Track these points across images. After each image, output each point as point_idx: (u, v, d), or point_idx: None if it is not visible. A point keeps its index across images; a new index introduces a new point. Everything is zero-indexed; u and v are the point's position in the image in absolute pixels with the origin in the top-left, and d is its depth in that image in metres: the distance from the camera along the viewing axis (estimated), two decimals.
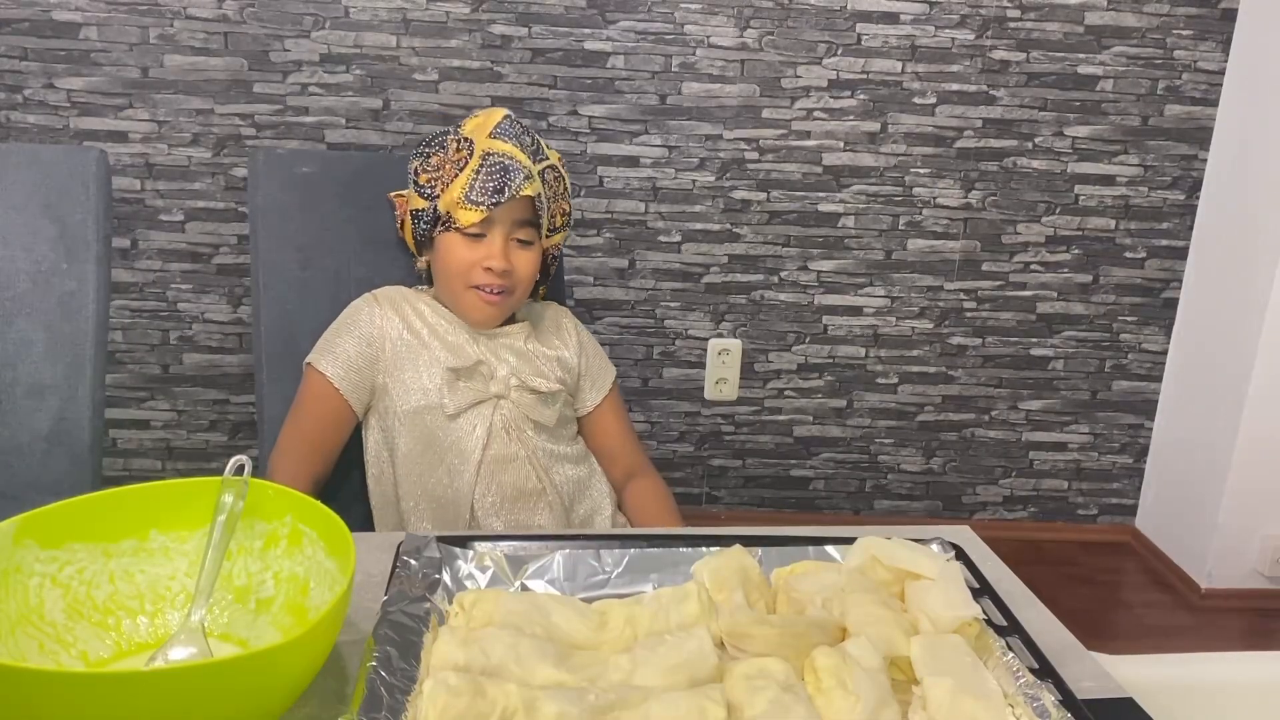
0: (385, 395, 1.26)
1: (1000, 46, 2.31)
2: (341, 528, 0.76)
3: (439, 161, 1.26)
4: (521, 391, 1.27)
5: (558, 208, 1.30)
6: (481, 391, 1.25)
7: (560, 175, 1.30)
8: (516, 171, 1.20)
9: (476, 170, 1.21)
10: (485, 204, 1.20)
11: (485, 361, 1.26)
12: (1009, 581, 0.93)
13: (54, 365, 1.23)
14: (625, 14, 2.21)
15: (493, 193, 1.20)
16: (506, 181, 1.20)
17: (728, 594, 0.81)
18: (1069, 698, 0.71)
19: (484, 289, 1.24)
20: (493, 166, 1.20)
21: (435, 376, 1.24)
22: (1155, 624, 2.32)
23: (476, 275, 1.23)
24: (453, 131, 1.28)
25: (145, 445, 2.36)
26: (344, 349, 1.26)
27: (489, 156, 1.21)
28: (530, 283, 1.29)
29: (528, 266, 1.26)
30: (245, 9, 2.14)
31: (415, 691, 0.68)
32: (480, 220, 1.21)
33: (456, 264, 1.24)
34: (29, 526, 0.75)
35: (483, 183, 1.20)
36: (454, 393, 1.23)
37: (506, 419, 1.26)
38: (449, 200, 1.22)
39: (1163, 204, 2.44)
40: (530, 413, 1.27)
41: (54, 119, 2.16)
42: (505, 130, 1.23)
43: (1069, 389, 2.56)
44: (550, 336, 1.35)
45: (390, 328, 1.26)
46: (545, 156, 1.28)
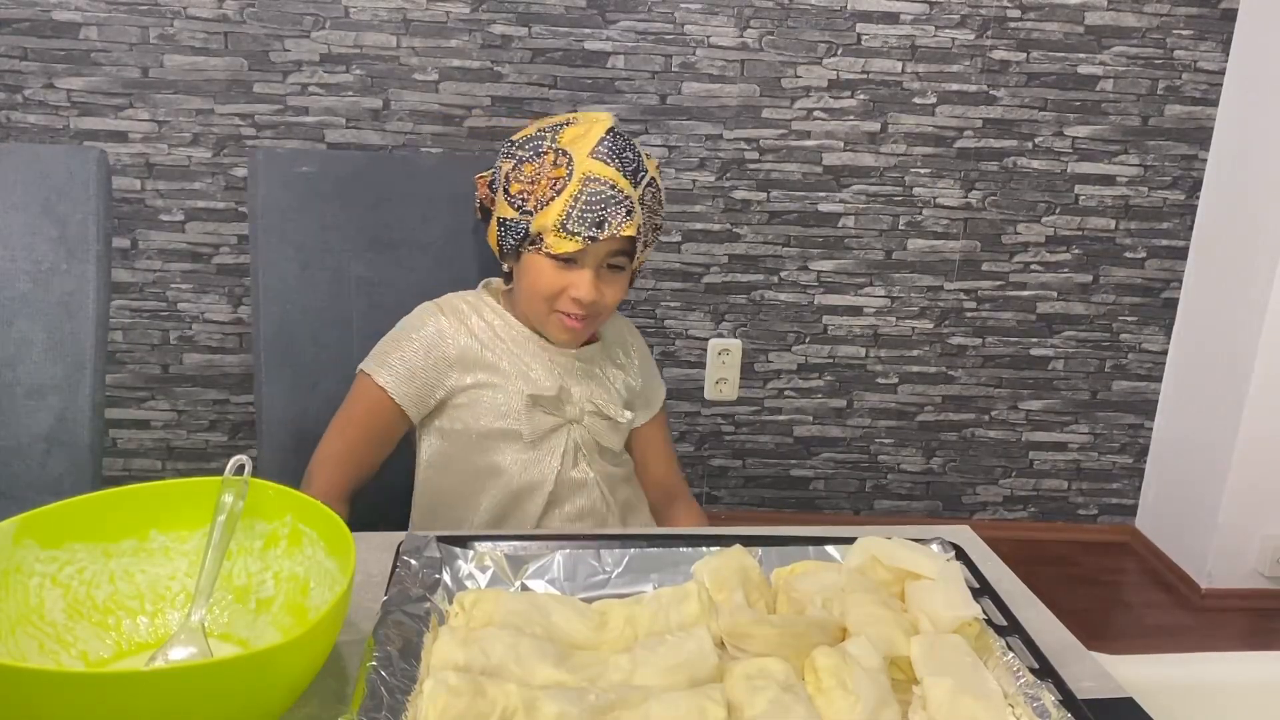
0: (450, 411, 1.22)
1: (1000, 46, 2.31)
2: (341, 528, 0.76)
3: (533, 173, 1.18)
4: (595, 417, 1.24)
5: (653, 225, 1.22)
6: (558, 418, 1.22)
7: (657, 190, 1.21)
8: (619, 206, 1.13)
9: (575, 197, 1.13)
10: (583, 237, 1.13)
11: (565, 388, 1.22)
12: (1009, 581, 0.93)
13: (54, 365, 1.23)
14: (625, 14, 2.21)
15: (591, 225, 1.13)
16: (607, 217, 1.12)
17: (728, 594, 0.81)
18: (1069, 698, 0.71)
19: (568, 315, 1.18)
20: (593, 197, 1.13)
21: (512, 399, 1.20)
22: (1155, 624, 2.32)
23: (563, 302, 1.18)
24: (549, 137, 1.18)
25: (145, 445, 2.36)
26: (404, 358, 1.20)
27: (590, 183, 1.13)
28: (616, 305, 1.24)
29: (616, 293, 1.21)
30: (245, 9, 2.14)
31: (415, 691, 0.68)
32: (575, 250, 1.14)
33: (544, 287, 1.18)
34: (29, 526, 0.75)
35: (581, 212, 1.13)
36: (532, 420, 1.19)
37: (579, 444, 1.23)
38: (544, 223, 1.15)
39: (1163, 204, 2.44)
40: (601, 438, 1.24)
41: (54, 119, 2.16)
42: (608, 151, 1.14)
43: (1069, 389, 2.56)
44: (618, 353, 1.32)
45: (457, 341, 1.21)
46: (644, 171, 1.18)
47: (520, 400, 1.19)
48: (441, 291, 1.40)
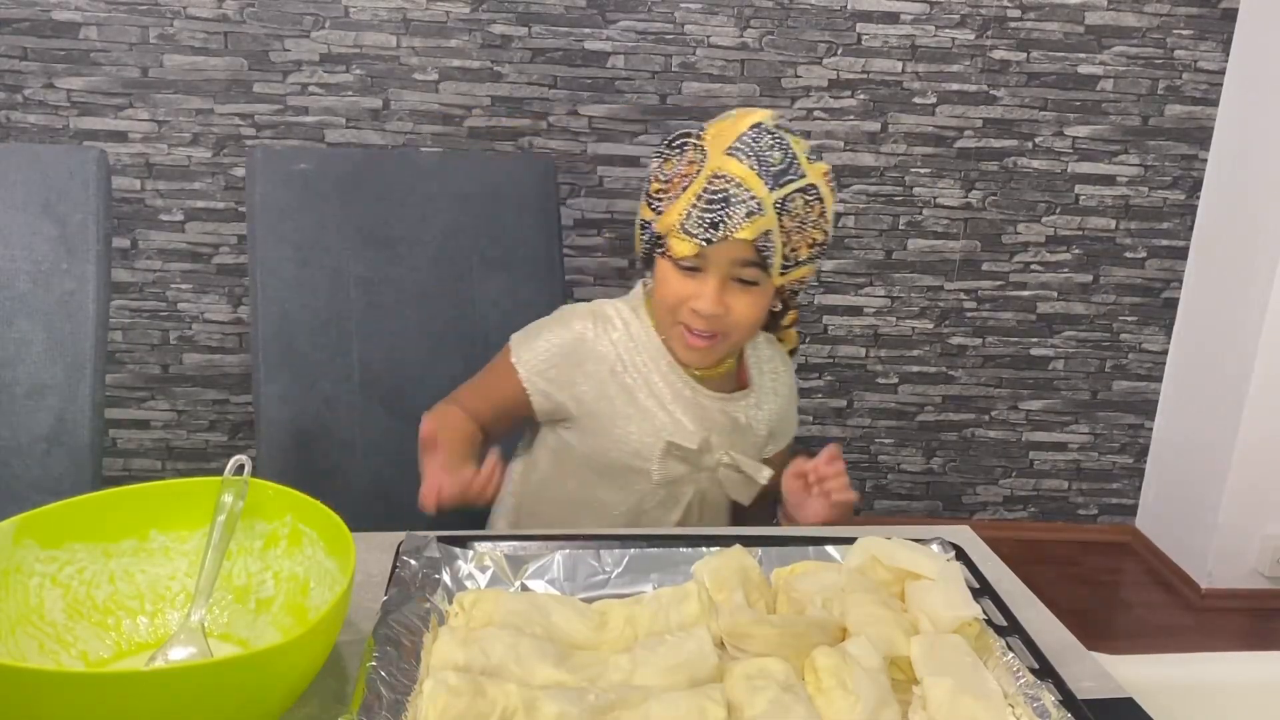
0: (575, 427, 1.15)
1: (1000, 46, 2.31)
2: (341, 528, 0.76)
3: (671, 170, 1.10)
4: (731, 471, 1.14)
5: (805, 239, 1.08)
6: (691, 468, 1.13)
7: (817, 198, 1.07)
8: (739, 206, 1.02)
9: (699, 195, 1.04)
10: (699, 238, 1.04)
11: (706, 439, 1.13)
12: (1009, 581, 0.93)
13: (54, 365, 1.23)
14: (625, 14, 2.21)
15: (707, 227, 1.03)
16: (724, 217, 1.02)
17: (728, 594, 0.81)
18: (1069, 698, 0.71)
19: (692, 329, 1.09)
20: (714, 195, 1.03)
21: (648, 436, 1.12)
22: (1155, 624, 2.32)
23: (685, 314, 1.09)
24: (696, 133, 1.10)
25: (145, 445, 2.36)
26: (545, 349, 1.14)
27: (715, 180, 1.04)
28: (751, 328, 1.13)
29: (748, 311, 1.09)
30: (245, 9, 2.14)
31: (415, 691, 0.68)
32: (694, 254, 1.06)
33: (668, 296, 1.10)
34: (29, 526, 0.75)
35: (700, 212, 1.04)
36: (665, 465, 1.12)
37: (705, 495, 1.15)
38: (667, 223, 1.07)
39: (1163, 204, 2.44)
40: (732, 492, 1.15)
41: (54, 119, 2.15)
42: (746, 146, 1.04)
43: (1069, 389, 2.55)
44: (768, 396, 1.20)
45: (602, 356, 1.13)
46: (799, 175, 1.05)
47: (658, 444, 1.11)
48: (440, 289, 1.40)
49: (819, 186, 1.07)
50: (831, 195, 1.09)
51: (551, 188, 1.44)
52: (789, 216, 1.05)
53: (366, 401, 1.36)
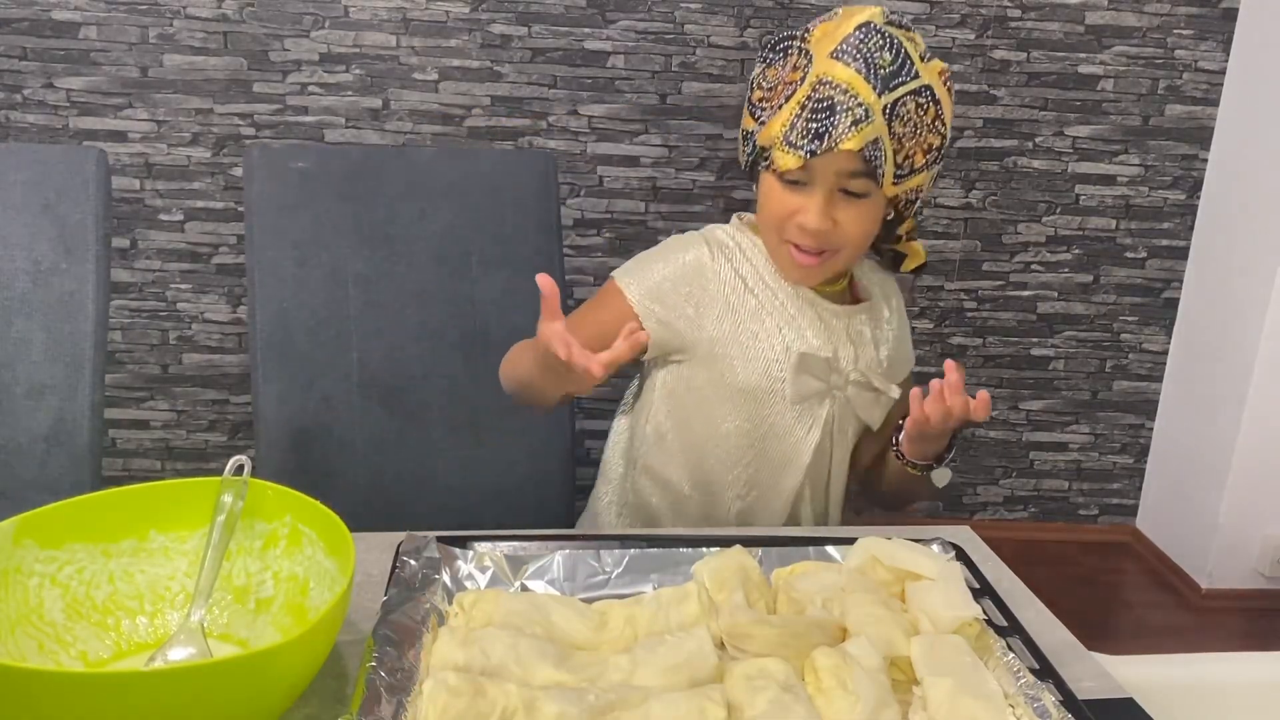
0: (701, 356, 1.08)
1: (1001, 46, 2.31)
2: (341, 528, 0.76)
3: (775, 78, 1.03)
4: (861, 389, 1.09)
5: (919, 145, 1.02)
6: (823, 384, 1.08)
7: (932, 99, 1.01)
8: (846, 114, 0.95)
9: (802, 104, 0.98)
10: (803, 150, 0.98)
11: (837, 350, 1.08)
12: (1009, 581, 0.93)
13: (53, 365, 1.23)
14: (625, 13, 2.21)
15: (811, 138, 0.97)
16: (829, 127, 0.96)
17: (728, 594, 0.81)
18: (1069, 698, 0.71)
19: (800, 246, 1.04)
20: (819, 103, 0.97)
21: (779, 351, 1.06)
22: (1155, 624, 2.32)
23: (791, 230, 1.03)
24: (800, 35, 1.03)
25: (145, 445, 2.36)
26: (660, 276, 1.08)
27: (820, 87, 0.97)
28: (862, 244, 1.07)
29: (858, 225, 1.03)
30: (245, 8, 2.14)
31: (415, 691, 0.68)
32: (797, 166, 0.99)
33: (772, 212, 1.04)
34: (28, 526, 0.75)
35: (805, 123, 0.97)
36: (799, 380, 1.06)
37: (837, 417, 1.10)
38: (770, 134, 1.01)
39: (1163, 204, 2.44)
40: (862, 412, 1.11)
41: (53, 119, 2.15)
42: (853, 49, 0.96)
43: (1069, 389, 2.55)
44: (882, 309, 1.15)
45: (722, 279, 1.07)
46: (912, 76, 0.99)
47: (789, 358, 1.06)
48: (439, 287, 1.40)
49: (934, 87, 1.00)
50: (949, 96, 1.03)
51: (552, 183, 1.44)
52: (900, 122, 0.99)
53: (366, 400, 1.36)
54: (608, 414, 1.25)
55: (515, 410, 1.40)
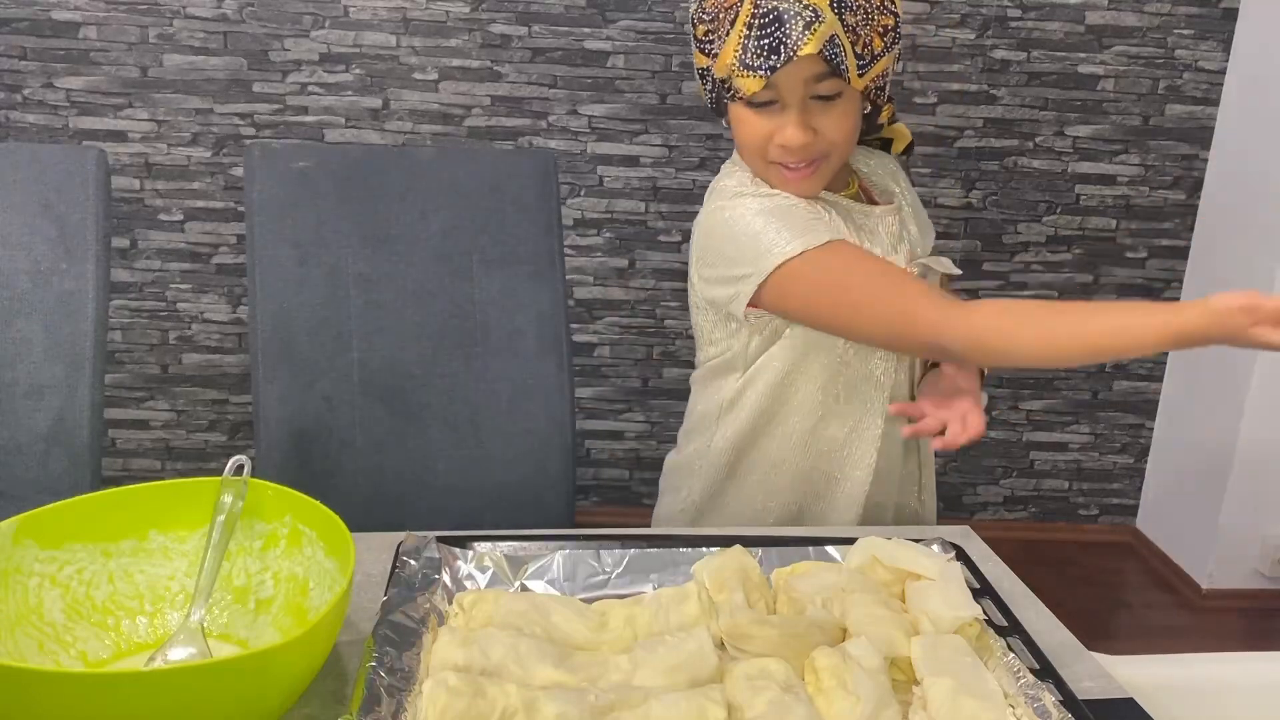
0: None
1: (1001, 46, 2.31)
2: (341, 528, 0.76)
3: (714, 7, 1.01)
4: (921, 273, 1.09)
5: (874, 29, 0.99)
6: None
7: None
8: (794, 21, 0.93)
9: (748, 24, 0.96)
10: (762, 70, 0.95)
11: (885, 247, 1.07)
12: (1009, 581, 0.93)
13: (53, 365, 1.23)
14: (625, 13, 2.21)
15: (767, 54, 0.95)
16: (782, 38, 0.94)
17: (728, 594, 0.81)
18: (1069, 698, 0.71)
19: (786, 164, 1.03)
20: (765, 18, 0.95)
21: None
22: (1155, 624, 2.32)
23: (774, 152, 1.02)
24: None
25: (145, 445, 2.36)
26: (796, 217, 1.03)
27: (761, 3, 0.95)
28: (848, 140, 1.04)
29: (838, 127, 1.01)
30: (244, 8, 2.14)
31: (415, 691, 0.68)
32: (761, 88, 0.97)
33: (750, 139, 1.03)
34: (28, 526, 0.75)
35: (755, 42, 0.95)
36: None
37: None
38: (724, 64, 0.99)
39: (1164, 204, 2.44)
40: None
41: (53, 118, 2.15)
42: None
43: (1070, 389, 2.55)
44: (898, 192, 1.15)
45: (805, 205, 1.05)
46: None
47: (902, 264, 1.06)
48: (440, 287, 1.40)
49: None
50: None
51: (552, 182, 1.44)
52: (850, 12, 0.97)
53: (366, 400, 1.36)
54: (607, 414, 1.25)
55: (515, 410, 1.40)
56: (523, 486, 1.41)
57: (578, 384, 1.44)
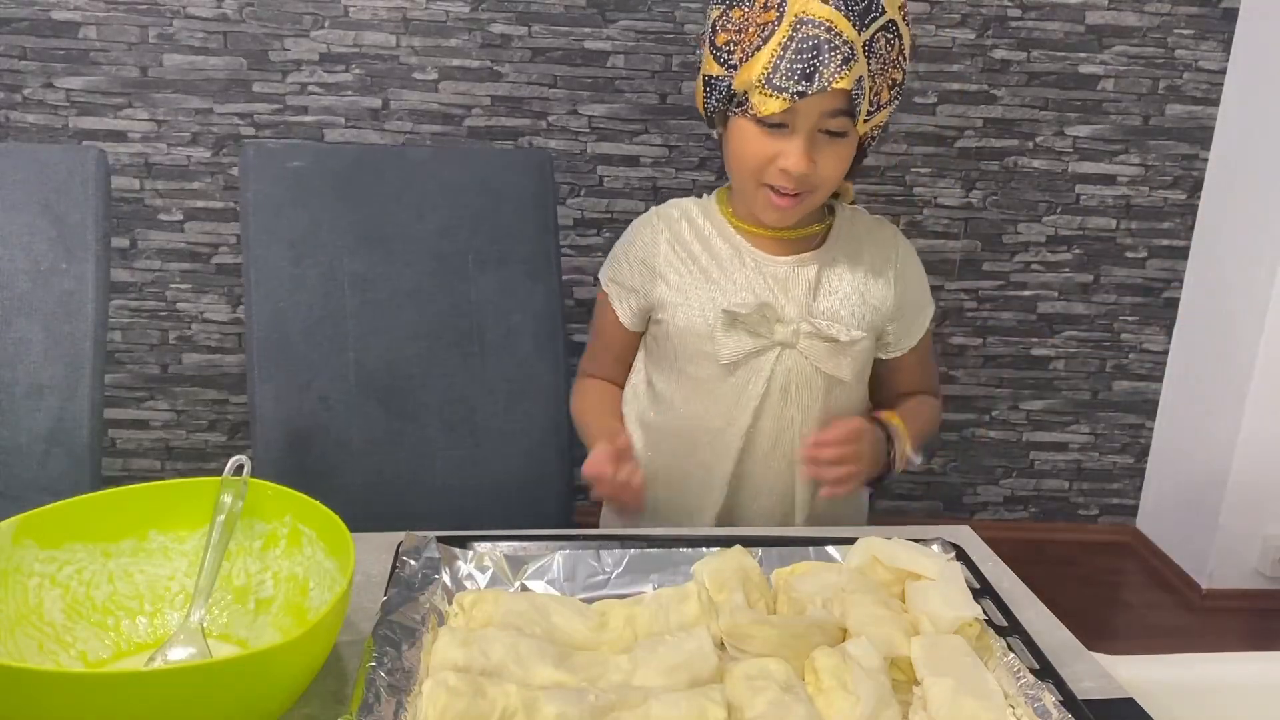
0: (654, 324, 1.13)
1: (1001, 46, 2.31)
2: (341, 528, 0.76)
3: (741, 19, 1.00)
4: (814, 340, 1.07)
5: (886, 81, 1.02)
6: (763, 339, 1.06)
7: (897, 34, 1.01)
8: (833, 53, 0.94)
9: (784, 45, 0.95)
10: (790, 93, 0.96)
11: (771, 303, 1.06)
12: (1009, 581, 0.93)
13: (53, 365, 1.23)
14: (625, 13, 2.21)
15: (800, 79, 0.95)
16: (817, 67, 0.94)
17: (728, 594, 0.81)
18: (1069, 698, 0.71)
19: (778, 189, 1.03)
20: (803, 43, 0.95)
21: (709, 314, 1.07)
22: (1155, 624, 2.32)
23: (771, 174, 1.02)
24: None
25: (144, 445, 2.36)
26: (620, 257, 1.15)
27: (801, 26, 0.95)
28: (837, 180, 1.06)
29: (835, 165, 1.03)
30: (244, 8, 2.14)
31: (415, 691, 0.68)
32: (781, 110, 0.98)
33: (749, 157, 1.03)
34: (28, 526, 0.75)
35: (789, 64, 0.95)
36: (729, 337, 1.05)
37: (790, 374, 1.07)
38: (746, 79, 0.99)
39: (1164, 203, 2.44)
40: (823, 363, 1.07)
41: (53, 118, 2.15)
42: None
43: (1070, 389, 2.55)
44: (861, 256, 1.12)
45: (664, 246, 1.11)
46: (880, 11, 0.98)
47: (714, 313, 1.06)
48: (436, 286, 1.40)
49: (897, 22, 1.01)
50: (908, 31, 1.04)
51: (549, 182, 1.44)
52: (875, 59, 0.99)
53: (363, 400, 1.36)
54: None
55: (514, 410, 1.40)
56: (520, 486, 1.41)
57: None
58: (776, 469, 1.11)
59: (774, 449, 1.10)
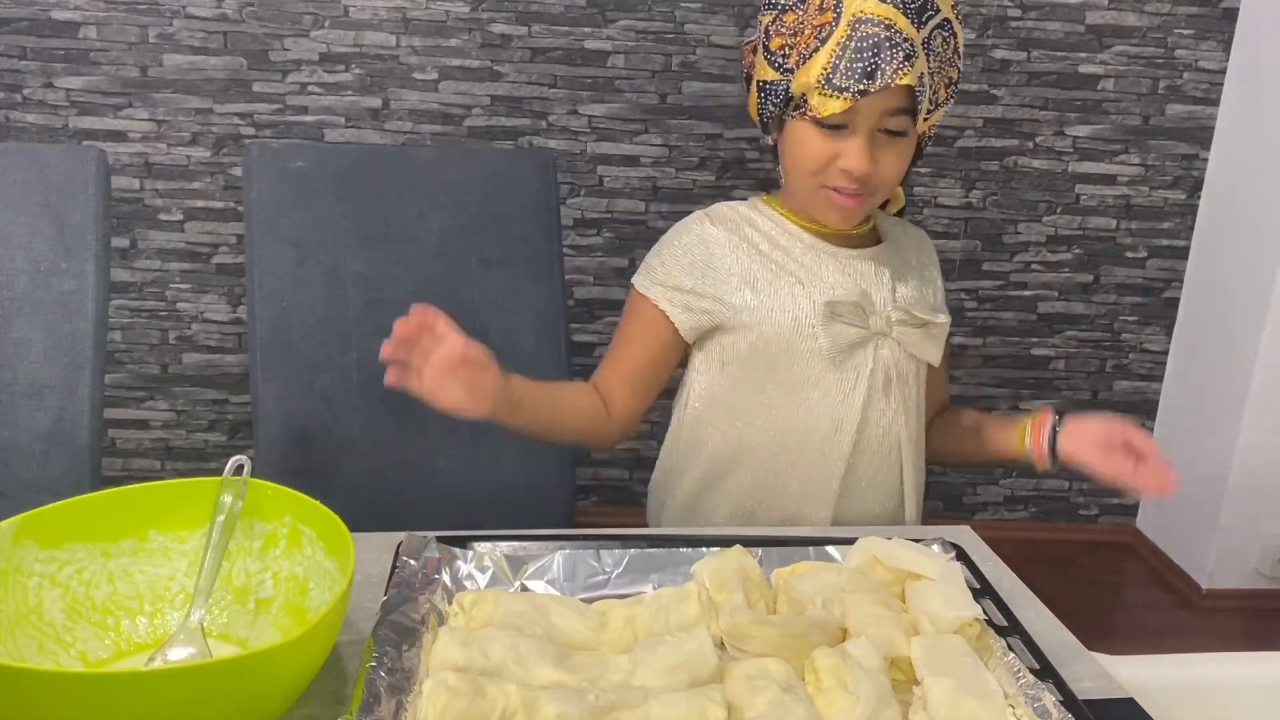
0: (728, 334, 1.07)
1: (1001, 46, 2.31)
2: (341, 528, 0.76)
3: (796, 22, 0.99)
4: (906, 326, 1.06)
5: (943, 79, 1.02)
6: (863, 329, 1.04)
7: (952, 32, 1.00)
8: (894, 50, 0.94)
9: (842, 45, 0.95)
10: (851, 92, 0.95)
11: (866, 293, 1.05)
12: (1009, 581, 0.93)
13: (53, 365, 1.23)
14: (625, 13, 2.21)
15: (861, 77, 0.95)
16: (879, 65, 0.94)
17: (728, 594, 0.81)
18: (1069, 698, 0.71)
19: (839, 189, 1.02)
20: (863, 42, 0.94)
21: (804, 302, 1.04)
22: (1155, 624, 2.32)
23: (832, 175, 1.02)
24: None
25: (144, 445, 2.36)
26: (668, 264, 1.09)
27: (859, 25, 0.95)
28: (896, 181, 1.05)
29: (895, 164, 1.02)
30: (244, 8, 2.14)
31: (415, 691, 0.68)
32: (844, 110, 0.97)
33: (809, 159, 1.02)
34: (28, 526, 0.75)
35: (849, 64, 0.95)
36: (832, 330, 1.02)
37: (889, 365, 1.06)
38: (805, 81, 0.98)
39: (1164, 203, 2.44)
40: (916, 349, 1.06)
41: (53, 118, 2.15)
42: None
43: (1070, 389, 2.55)
44: (907, 252, 1.13)
45: (729, 249, 1.07)
46: (936, 10, 0.97)
47: (816, 309, 1.03)
48: (439, 286, 1.40)
49: (952, 20, 1.00)
50: (960, 28, 1.03)
51: (551, 182, 1.44)
52: (934, 56, 0.98)
53: (365, 400, 1.36)
54: None
55: None
56: (522, 486, 1.41)
57: None
58: (885, 470, 1.09)
59: (880, 448, 1.08)
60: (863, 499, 1.09)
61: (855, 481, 1.08)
